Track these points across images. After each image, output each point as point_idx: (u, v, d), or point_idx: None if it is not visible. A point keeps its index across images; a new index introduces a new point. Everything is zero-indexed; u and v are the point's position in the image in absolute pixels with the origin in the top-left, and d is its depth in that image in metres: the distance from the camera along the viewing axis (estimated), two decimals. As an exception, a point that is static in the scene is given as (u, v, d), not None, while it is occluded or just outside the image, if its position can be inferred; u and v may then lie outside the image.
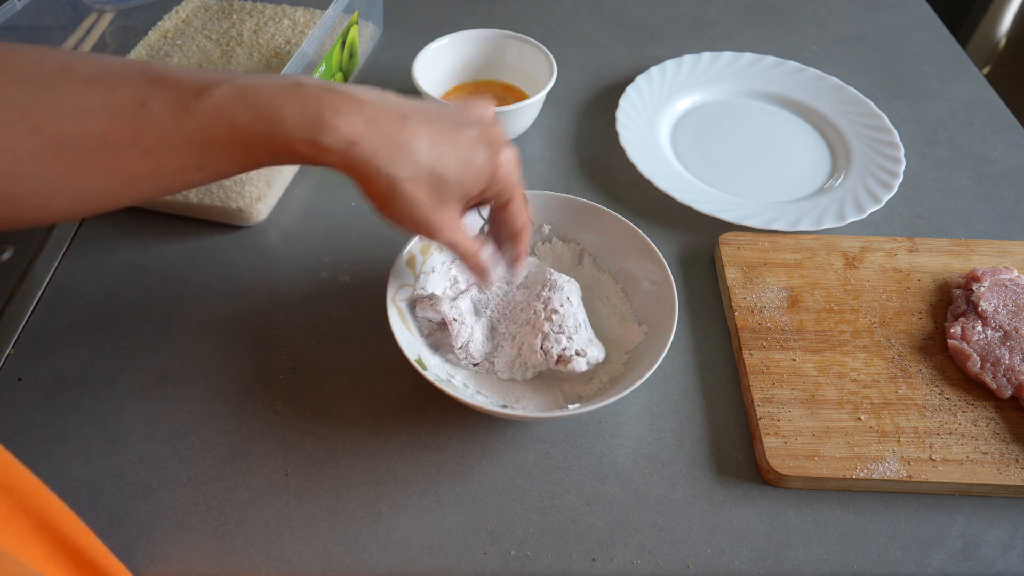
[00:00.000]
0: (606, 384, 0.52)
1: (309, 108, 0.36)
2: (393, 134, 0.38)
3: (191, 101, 0.35)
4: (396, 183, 0.39)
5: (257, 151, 0.37)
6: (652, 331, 0.53)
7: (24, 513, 0.32)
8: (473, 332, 0.52)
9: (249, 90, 0.36)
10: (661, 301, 0.53)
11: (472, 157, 0.41)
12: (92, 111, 0.34)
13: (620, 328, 0.55)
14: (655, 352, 0.49)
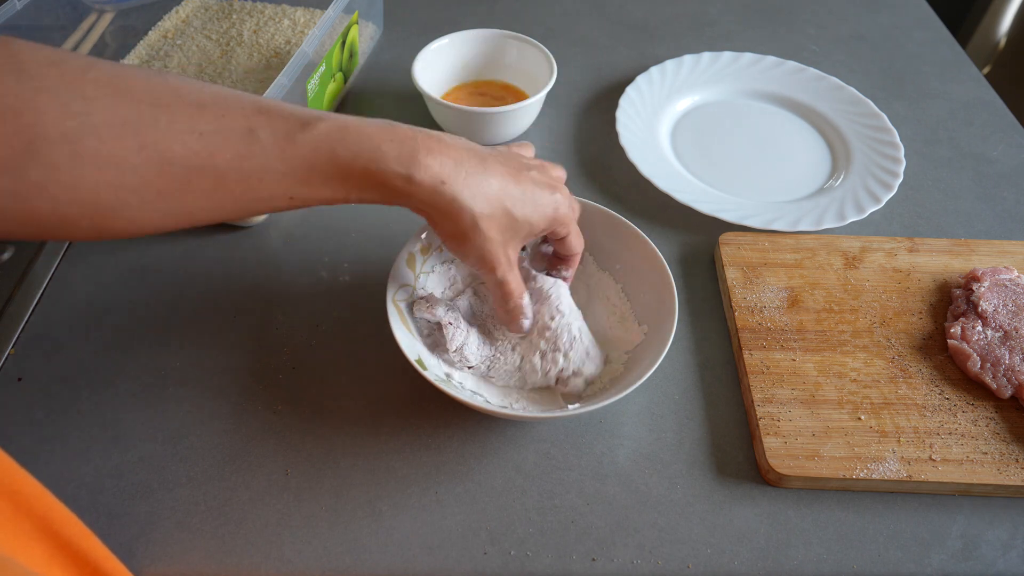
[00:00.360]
0: (606, 384, 0.52)
1: (406, 148, 0.40)
2: (476, 175, 0.42)
3: (297, 132, 0.38)
4: (478, 220, 0.43)
5: (351, 182, 0.40)
6: (652, 331, 0.53)
7: (26, 516, 0.32)
8: (468, 336, 0.52)
9: (352, 126, 0.40)
10: (661, 301, 0.53)
11: (538, 199, 0.45)
12: (202, 134, 0.36)
13: (620, 328, 0.55)
14: (655, 352, 0.49)
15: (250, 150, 0.37)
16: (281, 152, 0.38)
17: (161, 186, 0.36)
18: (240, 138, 0.37)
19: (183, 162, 0.36)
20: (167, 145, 0.35)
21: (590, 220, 0.57)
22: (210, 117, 0.37)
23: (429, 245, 0.56)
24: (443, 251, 0.57)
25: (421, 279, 0.55)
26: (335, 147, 0.39)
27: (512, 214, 0.44)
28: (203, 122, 0.36)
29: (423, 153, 0.40)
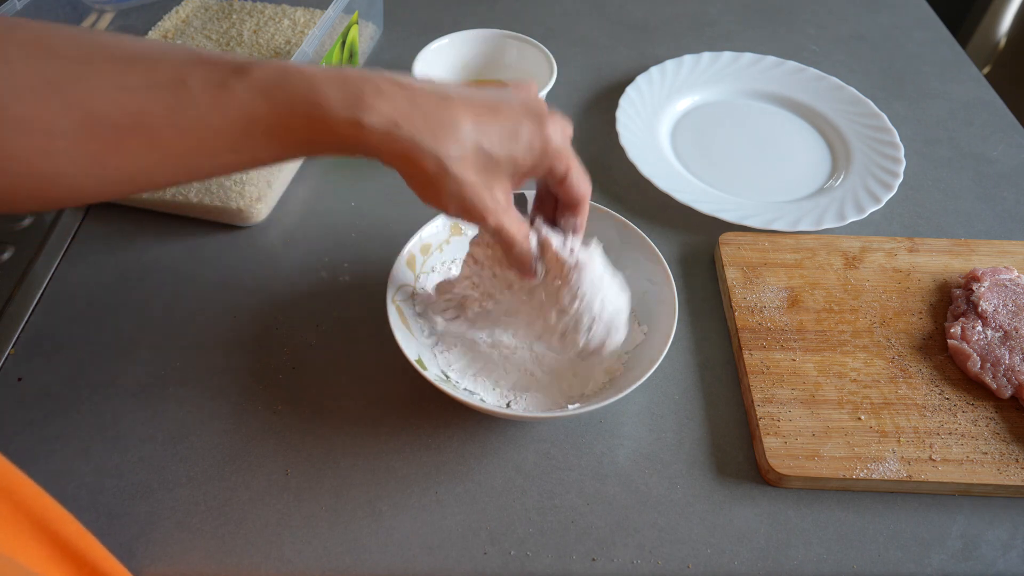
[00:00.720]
0: (606, 384, 0.52)
1: (351, 88, 0.36)
2: (436, 113, 0.37)
3: (231, 78, 0.35)
4: (443, 162, 0.37)
5: (296, 133, 0.36)
6: (652, 331, 0.53)
7: (25, 516, 0.32)
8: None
9: (292, 70, 0.36)
10: (661, 301, 0.53)
11: (518, 130, 0.40)
12: (130, 89, 0.34)
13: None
14: (655, 352, 0.49)
15: (181, 103, 0.34)
16: (215, 102, 0.34)
17: (94, 149, 0.34)
18: (170, 91, 0.34)
19: (113, 121, 0.33)
20: (94, 104, 0.33)
21: (590, 220, 0.57)
22: (139, 71, 0.34)
23: (429, 244, 0.56)
24: (443, 250, 0.57)
25: (421, 279, 0.55)
26: (273, 92, 0.35)
27: (488, 152, 0.39)
28: (132, 77, 0.34)
29: (372, 95, 0.36)
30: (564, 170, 0.42)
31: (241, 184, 0.61)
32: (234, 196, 0.61)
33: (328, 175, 0.70)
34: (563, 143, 0.42)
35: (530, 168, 0.41)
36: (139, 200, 0.63)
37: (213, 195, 0.61)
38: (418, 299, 0.55)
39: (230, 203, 0.62)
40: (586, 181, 0.45)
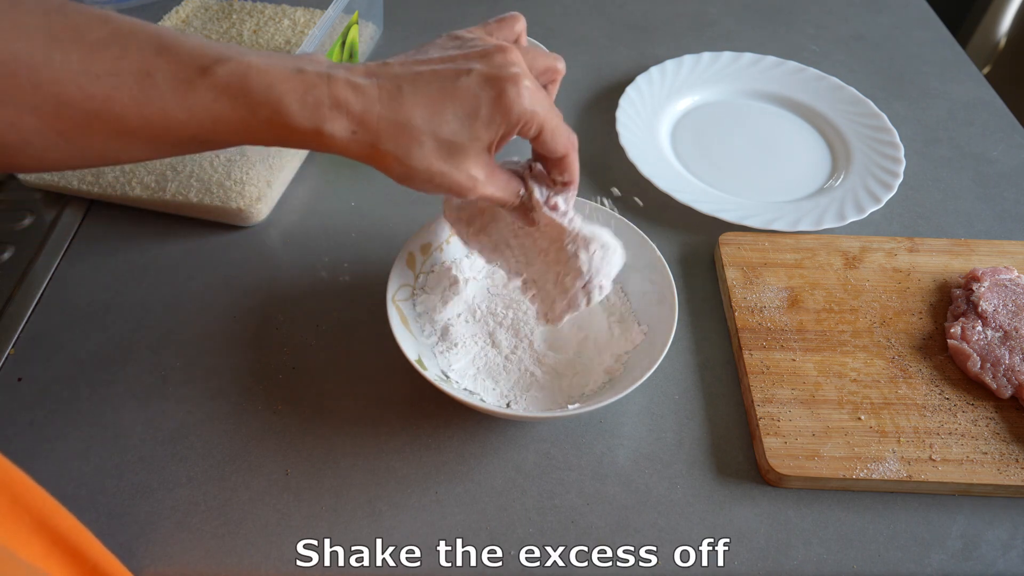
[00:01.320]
0: (606, 384, 0.52)
1: (310, 98, 0.37)
2: (391, 115, 0.38)
3: (196, 77, 0.35)
4: (405, 160, 0.39)
5: (260, 132, 0.37)
6: (652, 331, 0.53)
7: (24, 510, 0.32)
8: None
9: (253, 70, 0.36)
10: (661, 301, 0.53)
11: (476, 108, 0.39)
12: (97, 76, 0.34)
13: (619, 328, 0.55)
14: (655, 352, 0.49)
15: (147, 95, 0.35)
16: (181, 99, 0.35)
17: (61, 127, 0.35)
18: (137, 82, 0.34)
19: (80, 105, 0.34)
20: (62, 87, 0.34)
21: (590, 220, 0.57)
22: (107, 58, 0.34)
23: (430, 244, 0.56)
24: (443, 250, 0.57)
25: (421, 279, 0.55)
26: (235, 98, 0.36)
27: (449, 139, 0.39)
28: (99, 63, 0.34)
29: (328, 105, 0.37)
30: (536, 130, 0.41)
31: (241, 184, 0.61)
32: (234, 196, 0.61)
33: (328, 175, 0.70)
34: (529, 105, 0.39)
35: (500, 137, 0.40)
36: (139, 200, 0.63)
37: (213, 195, 0.62)
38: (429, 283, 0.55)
39: (230, 203, 0.62)
40: (564, 136, 0.43)
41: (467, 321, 0.55)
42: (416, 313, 0.54)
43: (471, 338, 0.54)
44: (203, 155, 0.61)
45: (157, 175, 0.62)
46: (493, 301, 0.57)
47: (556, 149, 0.43)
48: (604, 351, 0.54)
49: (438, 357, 0.53)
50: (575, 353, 0.54)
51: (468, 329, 0.55)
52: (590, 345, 0.54)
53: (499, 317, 0.56)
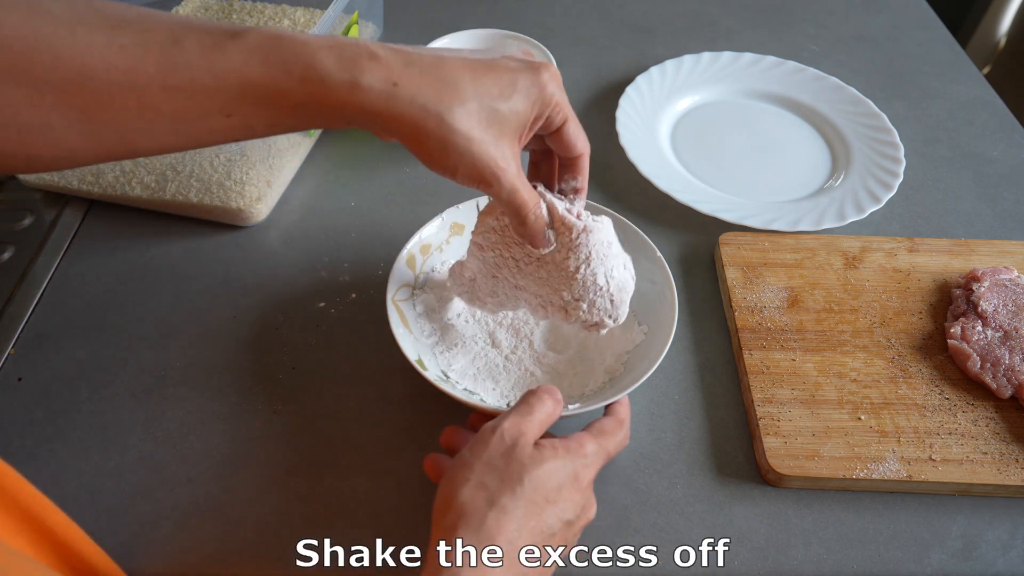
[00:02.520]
0: (606, 384, 0.52)
1: (347, 53, 0.35)
2: (434, 71, 0.36)
3: (226, 40, 0.34)
4: (447, 119, 0.36)
5: (290, 99, 0.35)
6: (652, 331, 0.53)
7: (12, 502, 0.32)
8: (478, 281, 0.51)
9: (286, 36, 0.35)
10: (661, 301, 0.53)
11: (516, 81, 0.39)
12: (122, 47, 0.33)
13: (620, 328, 0.55)
14: (655, 352, 0.49)
15: (174, 62, 0.34)
16: (209, 64, 0.34)
17: (82, 104, 0.34)
18: (163, 49, 0.34)
19: (103, 77, 0.33)
20: (84, 60, 0.33)
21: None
22: (132, 31, 0.34)
23: (429, 244, 0.56)
24: (443, 250, 0.57)
25: (421, 278, 0.55)
26: (268, 56, 0.34)
27: (491, 105, 0.37)
28: (124, 36, 0.34)
29: (366, 58, 0.35)
30: (561, 120, 0.41)
31: (241, 184, 0.61)
32: (234, 196, 0.61)
33: (328, 175, 0.70)
34: (559, 91, 0.41)
35: (532, 120, 0.40)
36: (139, 200, 0.63)
37: (213, 195, 0.62)
38: (430, 283, 0.55)
39: (230, 203, 0.62)
40: (583, 136, 0.43)
41: (467, 321, 0.55)
42: (416, 313, 0.54)
43: (471, 338, 0.54)
44: (203, 155, 0.61)
45: (157, 175, 0.62)
46: None
47: (577, 145, 0.43)
48: (605, 351, 0.54)
49: (438, 357, 0.53)
50: (576, 353, 0.54)
51: (468, 329, 0.55)
52: (591, 345, 0.54)
53: (499, 317, 0.56)
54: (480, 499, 0.37)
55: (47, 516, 0.33)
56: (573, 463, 0.39)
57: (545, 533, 0.38)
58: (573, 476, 0.39)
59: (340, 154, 0.72)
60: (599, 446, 0.41)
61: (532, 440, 0.40)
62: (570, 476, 0.39)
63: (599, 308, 0.46)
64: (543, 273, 0.47)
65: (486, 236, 0.47)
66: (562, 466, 0.39)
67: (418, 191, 0.68)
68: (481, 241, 0.48)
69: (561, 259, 0.45)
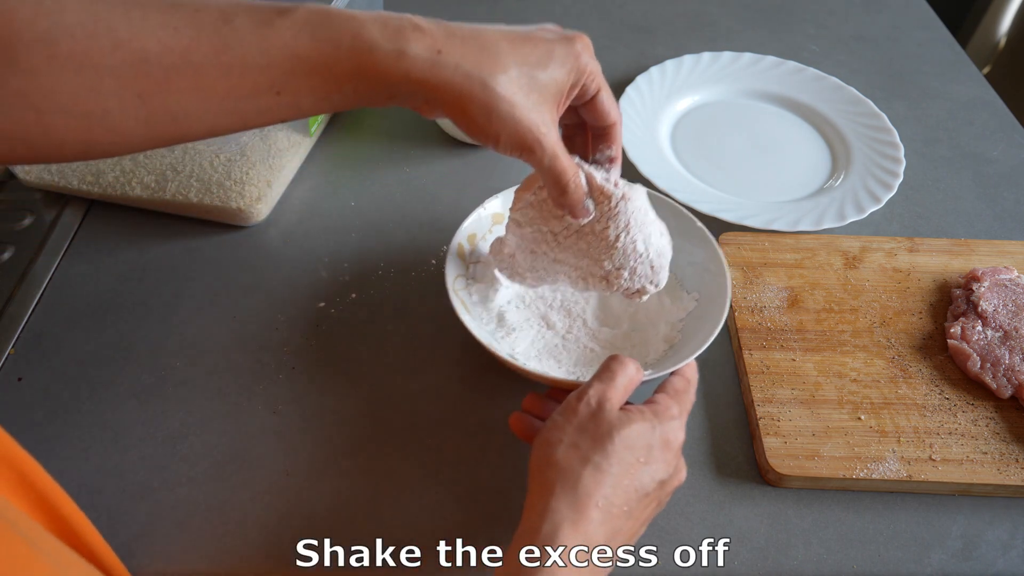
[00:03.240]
0: (667, 352, 0.53)
1: (392, 25, 0.37)
2: (475, 40, 0.38)
3: (275, 17, 0.36)
4: (490, 84, 0.38)
5: (338, 71, 0.37)
6: (704, 296, 0.54)
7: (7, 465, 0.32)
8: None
9: (332, 11, 0.37)
10: (707, 266, 0.54)
11: (552, 49, 0.40)
12: (176, 28, 0.35)
13: (669, 297, 0.56)
14: (715, 312, 0.51)
15: (226, 42, 0.35)
16: (260, 40, 0.36)
17: (139, 88, 0.35)
18: (216, 29, 0.35)
19: (159, 60, 0.35)
20: (141, 43, 0.34)
21: None
22: (185, 12, 0.35)
23: (475, 235, 0.57)
24: (487, 240, 0.57)
25: (471, 269, 0.56)
26: (316, 30, 0.36)
27: (531, 72, 0.39)
28: (177, 17, 0.35)
29: (410, 29, 0.37)
30: (596, 88, 0.43)
31: (241, 184, 0.61)
32: (234, 196, 0.61)
33: (328, 175, 0.70)
34: (592, 61, 0.42)
35: (568, 88, 0.41)
36: (139, 200, 0.63)
37: (213, 195, 0.61)
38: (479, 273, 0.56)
39: (230, 203, 0.62)
40: (616, 105, 0.45)
41: (518, 307, 0.56)
42: (472, 301, 0.55)
43: (526, 322, 0.55)
44: (203, 155, 0.61)
45: (157, 175, 0.62)
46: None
47: (611, 114, 0.44)
48: (658, 321, 0.55)
49: (501, 342, 0.53)
50: (629, 327, 0.55)
51: (521, 314, 0.56)
52: (641, 318, 0.55)
53: (548, 300, 0.57)
54: (575, 458, 0.39)
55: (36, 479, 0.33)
56: (662, 424, 0.41)
57: (639, 492, 0.39)
58: (663, 438, 0.40)
59: (340, 154, 0.72)
60: (681, 405, 0.43)
61: (617, 404, 0.41)
62: (660, 438, 0.40)
63: (640, 275, 0.47)
64: (582, 244, 0.47)
65: (523, 212, 0.48)
66: (651, 427, 0.40)
67: (418, 191, 0.68)
68: (519, 218, 0.48)
69: (600, 229, 0.45)
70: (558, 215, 0.46)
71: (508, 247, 0.51)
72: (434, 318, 0.58)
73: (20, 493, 0.31)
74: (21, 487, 0.32)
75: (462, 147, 0.73)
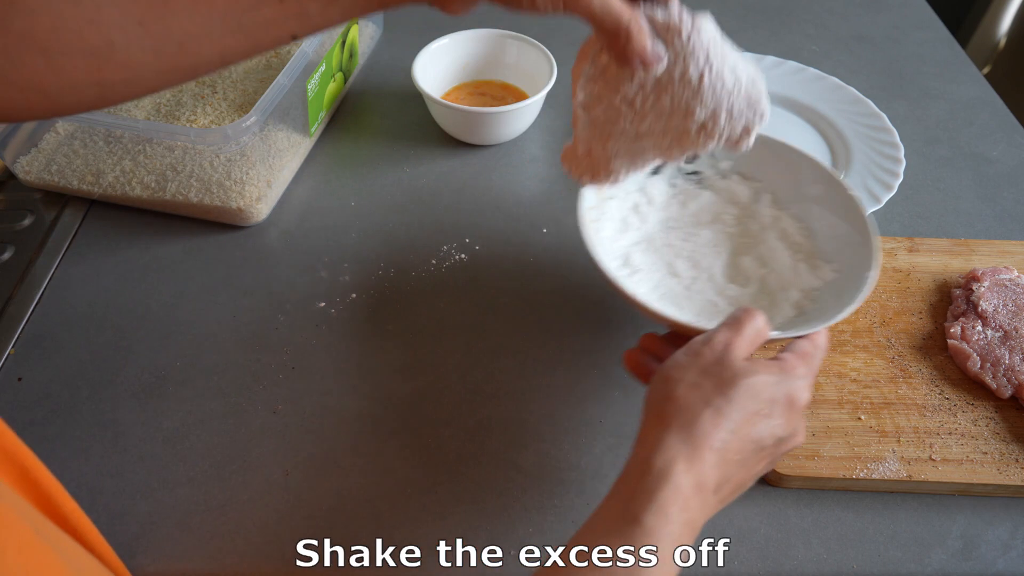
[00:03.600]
0: (795, 318, 0.51)
1: None
2: None
3: None
4: None
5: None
6: (846, 268, 0.52)
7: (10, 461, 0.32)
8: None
9: None
10: (853, 238, 0.52)
11: None
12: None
13: (806, 266, 0.54)
14: (853, 287, 0.49)
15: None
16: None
17: (139, 14, 0.35)
18: None
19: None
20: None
21: (762, 155, 0.56)
22: None
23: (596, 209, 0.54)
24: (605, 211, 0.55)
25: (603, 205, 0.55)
26: None
27: None
28: None
29: None
30: None
31: (241, 184, 0.61)
32: (234, 196, 0.61)
33: (328, 175, 0.70)
34: None
35: None
36: (139, 200, 0.63)
37: (213, 195, 0.62)
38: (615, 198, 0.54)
39: (230, 203, 0.62)
40: None
41: (645, 251, 0.55)
42: (599, 239, 0.53)
43: (651, 266, 0.54)
44: (203, 155, 0.61)
45: (157, 175, 0.62)
46: (670, 233, 0.57)
47: None
48: (789, 287, 0.53)
49: (623, 281, 0.51)
50: (757, 289, 0.54)
51: (648, 258, 0.55)
52: (772, 281, 0.54)
53: (677, 249, 0.56)
54: (695, 397, 0.37)
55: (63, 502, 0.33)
56: (787, 380, 0.39)
57: (756, 444, 0.37)
58: (788, 394, 0.38)
59: (340, 154, 0.72)
60: (808, 368, 0.40)
61: (743, 354, 0.39)
62: (784, 393, 0.38)
63: (738, 113, 0.42)
64: (665, 101, 0.42)
65: (587, 90, 0.43)
66: (776, 381, 0.38)
67: (418, 191, 0.68)
68: (584, 100, 0.43)
69: (680, 73, 0.40)
70: (627, 76, 0.41)
71: (582, 145, 0.46)
72: (434, 317, 0.58)
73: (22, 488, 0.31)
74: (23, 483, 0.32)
75: (462, 147, 0.73)
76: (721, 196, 0.59)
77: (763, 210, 0.58)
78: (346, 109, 0.77)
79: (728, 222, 0.58)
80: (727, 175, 0.59)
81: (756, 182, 0.59)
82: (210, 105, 0.69)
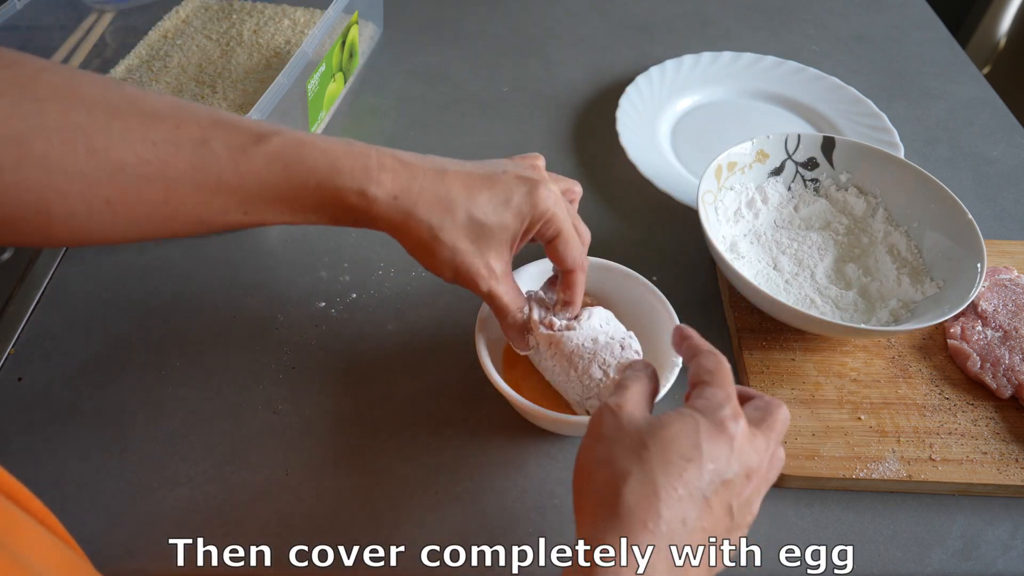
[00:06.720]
0: (889, 323, 0.54)
1: (360, 162, 0.40)
2: (432, 187, 0.41)
3: (252, 144, 0.38)
4: (436, 231, 0.41)
5: (305, 199, 0.39)
6: (948, 284, 0.55)
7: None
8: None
9: (307, 141, 0.39)
10: (959, 256, 0.55)
11: (510, 196, 0.42)
12: (154, 143, 0.36)
13: (909, 280, 0.56)
14: (952, 302, 0.51)
15: (204, 161, 0.37)
16: (235, 165, 0.37)
17: (110, 195, 0.35)
18: (193, 148, 0.37)
19: (134, 170, 0.35)
20: (119, 153, 0.35)
21: (882, 171, 0.60)
22: (165, 127, 0.36)
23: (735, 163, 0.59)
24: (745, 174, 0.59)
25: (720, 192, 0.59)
26: (289, 162, 0.38)
27: (480, 220, 0.42)
28: (157, 131, 0.36)
29: (376, 169, 0.40)
30: (553, 233, 0.44)
31: (241, 184, 0.61)
32: (234, 196, 0.61)
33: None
34: (553, 207, 0.43)
35: (523, 233, 0.43)
36: (139, 200, 0.63)
37: (213, 195, 0.61)
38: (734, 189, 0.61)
39: (230, 203, 0.62)
40: (577, 252, 0.45)
41: (752, 243, 0.59)
42: (715, 219, 0.57)
43: (755, 257, 0.58)
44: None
45: (157, 175, 0.62)
46: (779, 232, 0.60)
47: (565, 260, 0.45)
48: (889, 297, 0.56)
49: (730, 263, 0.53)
50: (857, 293, 0.56)
51: (753, 249, 0.59)
52: (873, 290, 0.56)
53: (783, 246, 0.59)
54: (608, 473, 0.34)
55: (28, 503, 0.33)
56: (702, 416, 0.35)
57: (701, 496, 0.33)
58: (710, 428, 0.34)
59: (340, 154, 0.72)
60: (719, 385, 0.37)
61: (637, 409, 0.37)
62: (707, 429, 0.34)
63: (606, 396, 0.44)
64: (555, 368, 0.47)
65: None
66: (691, 423, 0.35)
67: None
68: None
69: (551, 364, 0.47)
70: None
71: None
72: (434, 318, 0.58)
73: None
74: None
75: (462, 147, 0.73)
76: (836, 205, 0.62)
77: (876, 225, 0.60)
78: (346, 109, 0.77)
79: (838, 231, 0.61)
80: (845, 187, 0.62)
81: (872, 196, 0.61)
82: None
